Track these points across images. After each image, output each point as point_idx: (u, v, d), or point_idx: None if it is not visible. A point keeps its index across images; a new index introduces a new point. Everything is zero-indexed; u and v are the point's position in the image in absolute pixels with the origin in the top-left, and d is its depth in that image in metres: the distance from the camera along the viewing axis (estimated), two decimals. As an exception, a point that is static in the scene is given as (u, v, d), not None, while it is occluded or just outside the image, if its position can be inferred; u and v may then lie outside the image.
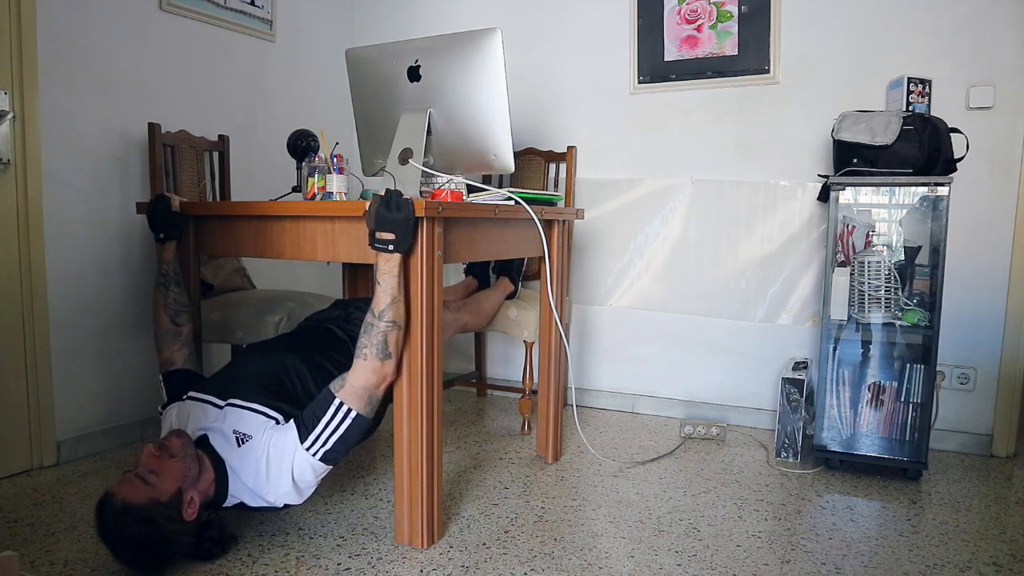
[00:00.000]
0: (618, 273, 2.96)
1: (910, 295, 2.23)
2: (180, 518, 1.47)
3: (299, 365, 1.75)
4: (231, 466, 1.57)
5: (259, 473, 1.55)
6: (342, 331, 1.92)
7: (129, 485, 1.44)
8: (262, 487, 1.56)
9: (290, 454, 1.53)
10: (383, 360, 1.55)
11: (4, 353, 2.08)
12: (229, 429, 1.59)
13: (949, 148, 2.12)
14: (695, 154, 2.80)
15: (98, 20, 2.29)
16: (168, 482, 1.46)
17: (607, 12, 2.89)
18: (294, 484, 1.55)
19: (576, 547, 1.70)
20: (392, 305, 1.53)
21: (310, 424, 1.54)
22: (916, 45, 2.43)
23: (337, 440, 1.54)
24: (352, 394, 1.55)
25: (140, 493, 1.42)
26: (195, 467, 1.52)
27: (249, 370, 1.75)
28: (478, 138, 1.80)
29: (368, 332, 1.55)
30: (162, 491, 1.44)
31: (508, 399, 3.11)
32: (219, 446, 1.58)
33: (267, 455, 1.54)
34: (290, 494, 1.57)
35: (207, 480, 1.54)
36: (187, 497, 1.48)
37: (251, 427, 1.58)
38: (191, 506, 1.49)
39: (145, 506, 1.41)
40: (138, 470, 1.46)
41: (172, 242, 1.89)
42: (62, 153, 2.21)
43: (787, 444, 2.35)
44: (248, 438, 1.57)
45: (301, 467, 1.54)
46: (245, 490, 1.58)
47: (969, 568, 1.63)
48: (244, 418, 1.60)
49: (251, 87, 2.89)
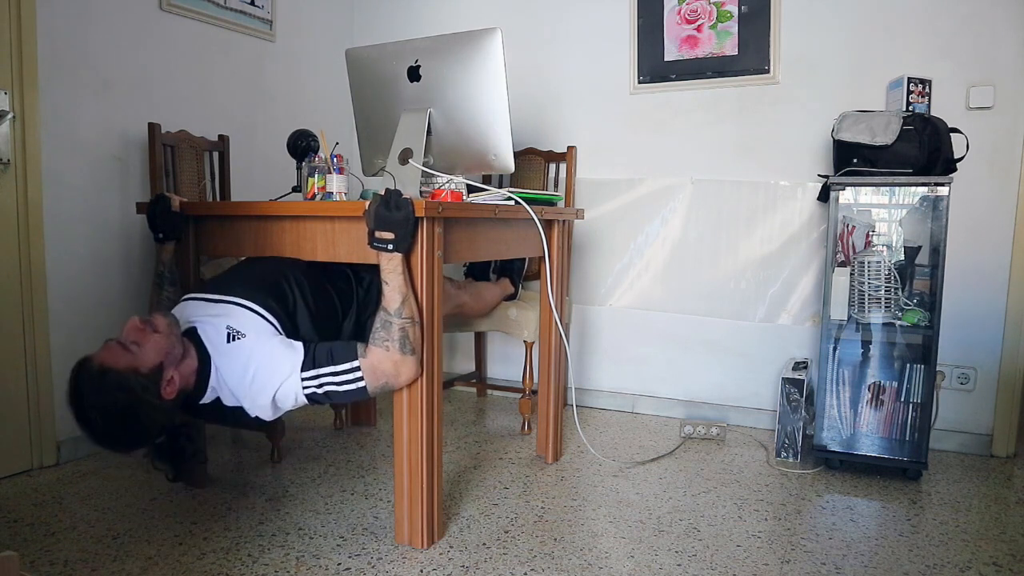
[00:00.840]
0: (618, 273, 2.96)
1: (910, 295, 2.23)
2: (157, 392, 1.42)
3: (300, 277, 1.73)
4: (215, 361, 1.53)
5: (245, 375, 1.50)
6: (348, 268, 1.90)
7: (109, 351, 1.39)
8: (244, 389, 1.51)
9: (284, 373, 1.50)
10: (406, 355, 1.54)
11: (4, 353, 2.08)
12: (222, 324, 1.55)
13: (949, 148, 2.12)
14: (695, 154, 2.80)
15: (98, 20, 2.29)
16: (150, 355, 1.41)
17: (607, 12, 2.89)
18: (273, 401, 1.51)
19: (576, 547, 1.70)
20: (405, 303, 1.53)
21: (320, 361, 1.52)
22: (916, 45, 2.43)
23: (331, 392, 1.52)
24: (372, 372, 1.53)
25: (120, 359, 1.38)
26: (179, 348, 1.48)
27: (250, 272, 1.73)
28: (478, 138, 1.80)
29: (387, 328, 1.54)
30: (143, 361, 1.40)
31: (508, 399, 3.10)
32: (208, 338, 1.54)
33: (260, 360, 1.50)
34: (265, 408, 1.52)
35: (190, 366, 1.50)
36: (167, 375, 1.44)
37: (246, 326, 1.55)
38: (170, 385, 1.45)
39: (123, 372, 1.37)
40: (120, 339, 1.42)
41: (172, 242, 1.89)
42: (62, 153, 2.21)
43: (787, 444, 2.35)
44: (241, 335, 1.53)
45: (287, 390, 1.50)
46: (224, 388, 1.53)
47: (969, 568, 1.63)
48: (239, 315, 1.57)
49: (251, 87, 2.89)
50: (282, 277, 1.70)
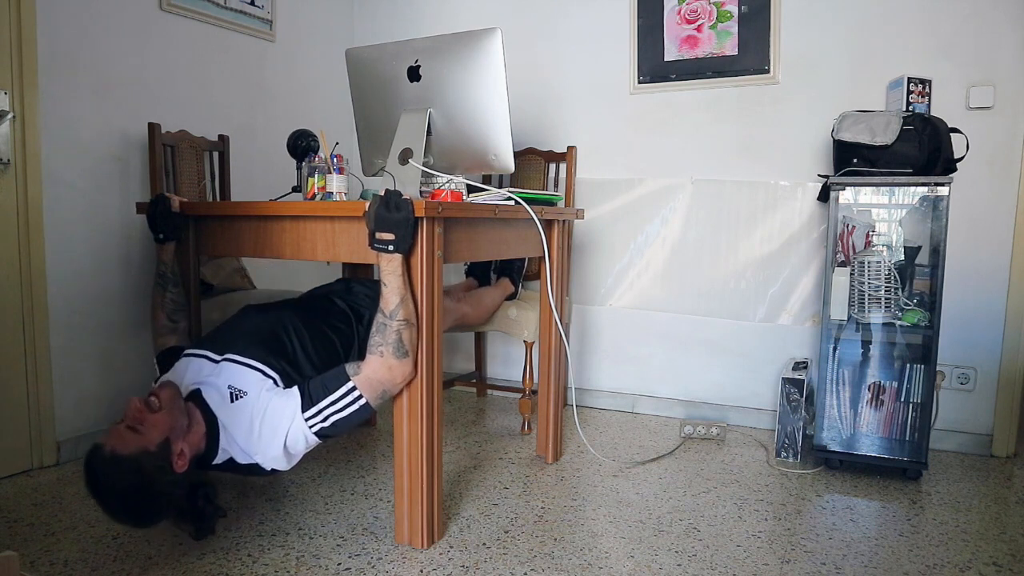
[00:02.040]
0: (618, 273, 2.96)
1: (910, 295, 2.23)
2: (170, 468, 1.44)
3: (298, 325, 1.73)
4: (223, 422, 1.54)
5: (252, 431, 1.52)
6: (343, 301, 1.91)
7: (117, 436, 1.41)
8: (253, 446, 1.53)
9: (288, 420, 1.51)
10: (400, 359, 1.55)
11: (4, 353, 2.08)
12: (224, 384, 1.56)
13: (949, 148, 2.12)
14: (695, 154, 2.80)
15: (98, 20, 2.29)
16: (155, 432, 1.43)
17: (607, 12, 2.89)
18: (285, 450, 1.53)
19: (576, 547, 1.70)
20: (402, 304, 1.54)
21: (316, 397, 1.53)
22: (916, 45, 2.43)
23: (338, 420, 1.53)
24: (367, 384, 1.54)
25: (128, 443, 1.40)
26: (184, 419, 1.49)
27: (247, 326, 1.73)
28: (478, 138, 1.80)
29: (382, 331, 1.54)
30: (150, 440, 1.42)
31: (508, 399, 3.10)
32: (212, 400, 1.56)
33: (263, 415, 1.52)
34: (279, 459, 1.54)
35: (198, 433, 1.52)
36: (176, 448, 1.45)
37: (247, 383, 1.56)
38: (181, 458, 1.46)
39: (134, 455, 1.39)
40: (125, 422, 1.44)
41: (172, 242, 1.89)
42: (62, 153, 2.21)
43: (787, 444, 2.35)
44: (243, 394, 1.54)
45: (295, 435, 1.52)
46: (235, 446, 1.55)
47: (969, 568, 1.63)
48: (240, 374, 1.58)
49: (251, 87, 2.89)
50: (281, 329, 1.71)
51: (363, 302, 1.94)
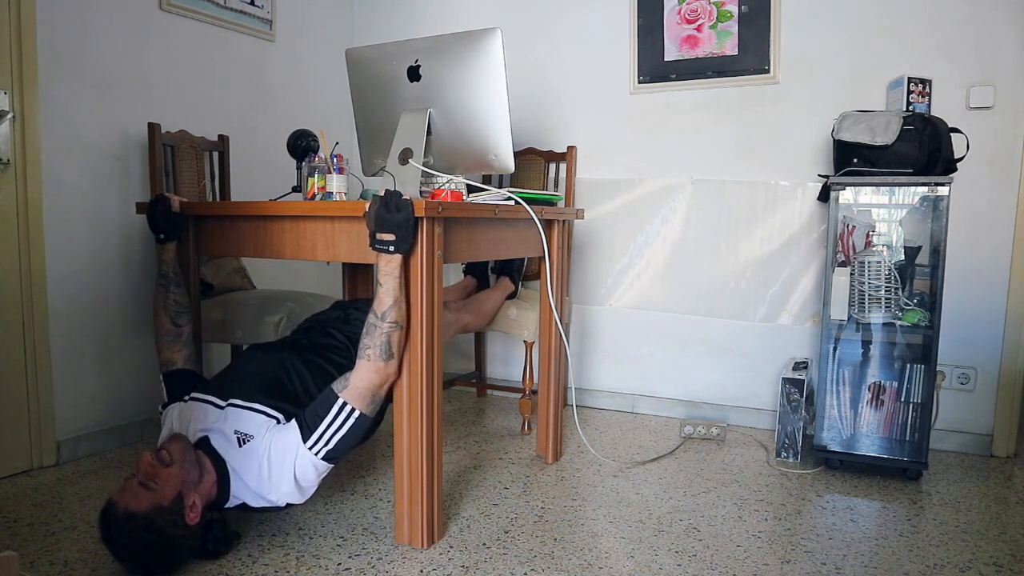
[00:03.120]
0: (618, 273, 2.96)
1: (910, 295, 2.23)
2: (183, 522, 1.47)
3: (299, 365, 1.75)
4: (232, 467, 1.57)
5: (261, 473, 1.55)
6: (341, 333, 1.92)
7: (131, 493, 1.44)
8: (264, 487, 1.56)
9: (292, 453, 1.54)
10: (386, 360, 1.56)
11: (4, 353, 2.08)
12: (231, 429, 1.59)
13: (949, 148, 2.12)
14: (695, 154, 2.80)
15: (98, 20, 2.29)
16: (168, 488, 1.46)
17: (607, 12, 2.89)
18: (296, 483, 1.56)
19: (576, 547, 1.70)
20: (394, 306, 1.54)
21: (312, 424, 1.55)
22: (916, 45, 2.43)
23: (340, 439, 1.55)
24: (355, 394, 1.55)
25: (142, 500, 1.43)
26: (195, 471, 1.52)
27: (249, 370, 1.75)
28: (478, 138, 1.80)
29: (371, 333, 1.55)
30: (163, 496, 1.44)
31: (508, 399, 3.10)
32: (220, 447, 1.58)
33: (268, 455, 1.54)
34: (292, 493, 1.57)
35: (208, 483, 1.54)
36: (189, 501, 1.48)
37: (252, 427, 1.58)
38: (193, 510, 1.49)
39: (148, 513, 1.42)
40: (138, 477, 1.46)
41: (172, 243, 1.89)
42: (62, 153, 2.21)
43: (787, 444, 2.35)
44: (250, 438, 1.57)
45: (303, 466, 1.54)
46: (247, 491, 1.58)
47: (969, 568, 1.63)
48: (245, 418, 1.60)
49: (251, 87, 2.89)
50: (281, 371, 1.73)
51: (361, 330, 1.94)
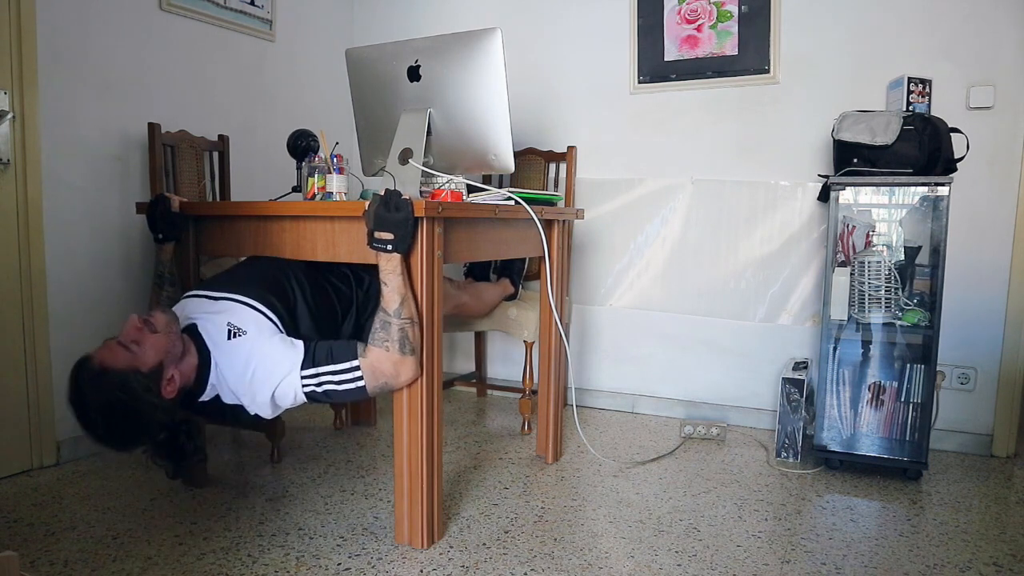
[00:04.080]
0: (618, 273, 2.96)
1: (910, 295, 2.23)
2: (158, 391, 1.43)
3: (301, 276, 1.73)
4: (216, 358, 1.53)
5: (245, 371, 1.50)
6: (345, 265, 1.89)
7: (109, 350, 1.40)
8: (243, 386, 1.51)
9: (284, 371, 1.50)
10: (405, 355, 1.54)
11: (4, 353, 2.08)
12: (223, 321, 1.55)
13: (949, 148, 2.12)
14: (695, 154, 2.80)
15: (98, 20, 2.29)
16: (150, 354, 1.41)
17: (607, 12, 2.89)
18: (272, 399, 1.51)
19: (576, 547, 1.70)
20: (404, 304, 1.54)
21: (320, 360, 1.52)
22: (916, 45, 2.43)
23: (330, 390, 1.52)
24: (371, 371, 1.53)
25: (119, 358, 1.39)
26: (179, 346, 1.48)
27: (251, 270, 1.73)
28: (478, 138, 1.80)
29: (386, 328, 1.54)
30: (143, 361, 1.40)
31: (508, 399, 3.10)
32: (208, 335, 1.54)
33: (261, 357, 1.50)
34: (264, 406, 1.52)
35: (190, 364, 1.50)
36: (167, 373, 1.44)
37: (247, 322, 1.55)
38: (171, 384, 1.45)
39: (123, 371, 1.38)
40: (120, 338, 1.42)
41: (171, 243, 1.89)
42: (62, 153, 2.21)
43: (787, 444, 2.35)
44: (242, 332, 1.53)
45: (285, 388, 1.51)
46: (225, 385, 1.53)
47: (969, 568, 1.63)
48: (241, 312, 1.57)
49: (251, 87, 2.89)
50: (283, 276, 1.71)
51: (362, 267, 1.92)
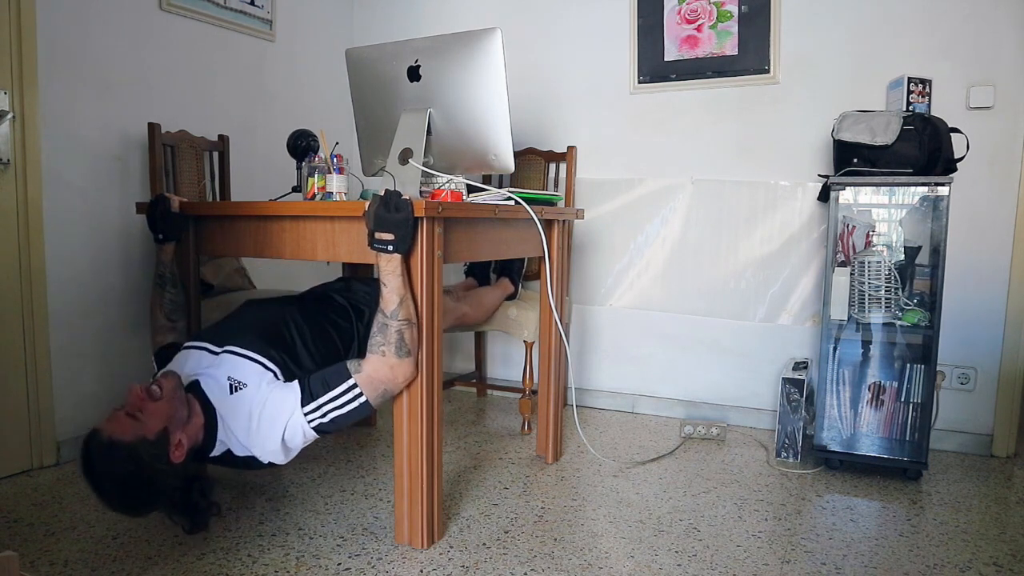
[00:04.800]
0: (618, 273, 2.96)
1: (910, 295, 2.23)
2: (167, 459, 1.44)
3: (298, 319, 1.74)
4: (221, 413, 1.54)
5: (250, 423, 1.52)
6: (342, 297, 1.91)
7: (116, 422, 1.41)
8: (251, 438, 1.52)
9: (287, 413, 1.51)
10: (402, 358, 1.54)
11: (4, 353, 2.08)
12: (223, 375, 1.56)
13: (949, 148, 2.12)
14: (695, 154, 2.80)
15: (98, 20, 2.29)
16: (155, 421, 1.43)
17: (607, 12, 2.89)
18: (283, 444, 1.53)
19: (576, 547, 1.70)
20: (402, 305, 1.54)
21: (316, 392, 1.53)
22: (916, 45, 2.43)
23: (337, 417, 1.53)
24: (368, 383, 1.54)
25: (127, 429, 1.40)
26: (183, 410, 1.49)
27: (248, 320, 1.73)
28: (478, 138, 1.80)
29: (383, 331, 1.54)
30: (149, 429, 1.42)
31: (508, 399, 3.10)
32: (211, 392, 1.55)
33: (263, 408, 1.51)
34: (276, 453, 1.54)
35: (196, 424, 1.52)
36: (175, 439, 1.45)
37: (247, 375, 1.56)
38: (179, 448, 1.46)
39: (131, 443, 1.39)
40: (125, 408, 1.44)
41: (171, 243, 1.89)
42: (62, 153, 2.21)
43: (787, 444, 2.35)
44: (243, 386, 1.54)
45: (293, 429, 1.52)
46: (233, 439, 1.55)
47: (969, 568, 1.63)
48: (240, 366, 1.58)
49: (251, 87, 2.89)
50: (281, 323, 1.71)
51: (363, 299, 1.94)
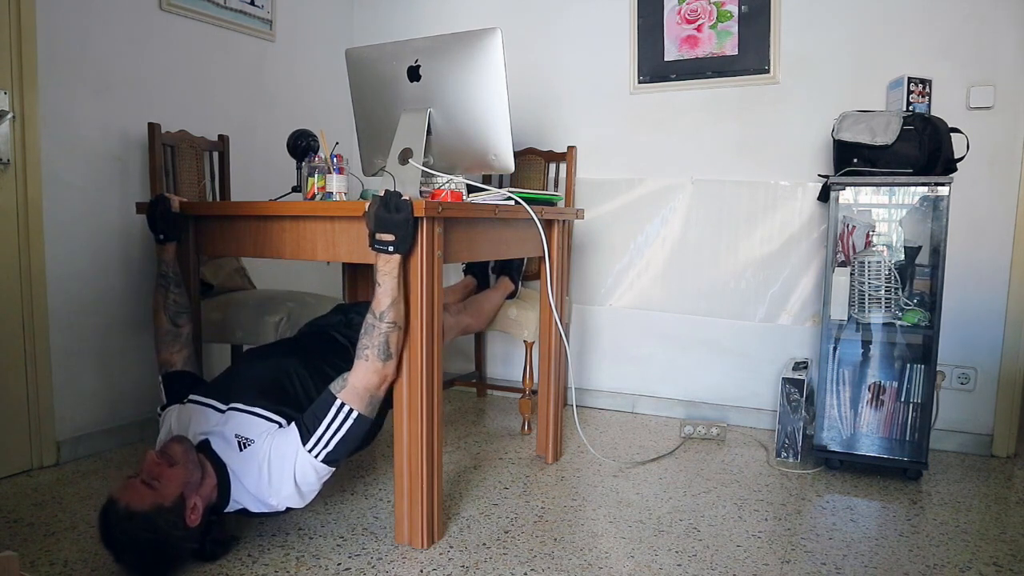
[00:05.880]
0: (618, 273, 2.96)
1: (910, 295, 2.23)
2: (183, 524, 1.46)
3: (301, 370, 1.75)
4: (233, 471, 1.56)
5: (261, 477, 1.54)
6: (343, 336, 1.92)
7: (133, 491, 1.43)
8: (264, 491, 1.55)
9: (292, 456, 1.53)
10: (384, 361, 1.56)
11: (4, 353, 2.08)
12: (231, 433, 1.59)
13: (949, 148, 2.12)
14: (695, 154, 2.80)
15: (98, 20, 2.29)
16: (171, 488, 1.45)
17: (607, 12, 2.89)
18: (296, 487, 1.55)
19: (576, 547, 1.70)
20: (392, 306, 1.54)
21: (311, 426, 1.54)
22: (916, 45, 2.43)
23: (339, 441, 1.54)
24: (353, 394, 1.55)
25: (144, 499, 1.42)
26: (197, 473, 1.51)
27: (251, 374, 1.74)
28: (478, 138, 1.80)
29: (369, 333, 1.55)
30: (166, 496, 1.44)
31: (508, 399, 3.10)
32: (221, 451, 1.58)
33: (268, 458, 1.54)
34: (293, 497, 1.57)
35: (209, 485, 1.53)
36: (190, 503, 1.47)
37: (253, 431, 1.58)
38: (194, 512, 1.48)
39: (149, 513, 1.41)
40: (141, 476, 1.46)
41: (172, 243, 1.89)
42: (62, 153, 2.21)
43: (787, 444, 2.35)
44: (250, 442, 1.56)
45: (303, 469, 1.54)
46: (247, 495, 1.57)
47: (969, 568, 1.63)
48: (246, 422, 1.60)
49: (251, 87, 2.89)
50: (282, 375, 1.72)
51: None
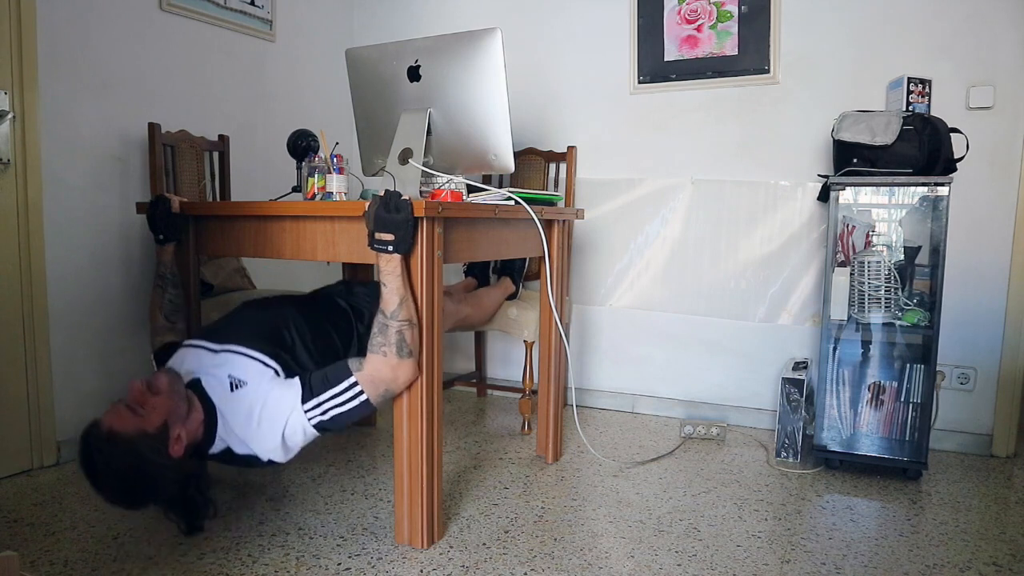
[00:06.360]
0: (618, 273, 2.96)
1: (910, 295, 2.23)
2: (166, 452, 1.45)
3: (300, 321, 1.74)
4: (221, 411, 1.55)
5: (250, 420, 1.52)
6: (343, 300, 1.92)
7: (116, 415, 1.42)
8: (251, 436, 1.53)
9: (287, 411, 1.51)
10: (404, 358, 1.54)
11: (4, 353, 2.08)
12: (224, 373, 1.57)
13: (949, 148, 2.12)
14: (695, 154, 2.80)
15: (98, 20, 2.29)
16: (155, 415, 1.44)
17: (607, 12, 2.89)
18: (283, 441, 1.53)
19: (576, 547, 1.70)
20: (402, 305, 1.54)
21: (317, 389, 1.53)
22: (916, 45, 2.43)
23: (338, 415, 1.53)
24: (370, 382, 1.54)
25: (127, 423, 1.41)
26: (183, 405, 1.50)
27: (248, 319, 1.74)
28: (478, 138, 1.80)
29: (384, 332, 1.54)
30: (149, 422, 1.43)
31: (508, 399, 3.10)
32: (211, 389, 1.56)
33: (263, 404, 1.52)
34: (276, 451, 1.54)
35: (196, 420, 1.52)
36: (174, 433, 1.46)
37: (247, 373, 1.57)
38: (178, 443, 1.47)
39: (131, 435, 1.40)
40: (126, 401, 1.45)
41: (172, 243, 1.89)
42: (62, 153, 2.21)
43: (787, 444, 2.35)
44: (243, 383, 1.55)
45: (294, 427, 1.52)
46: (233, 436, 1.55)
47: (969, 568, 1.63)
48: (241, 364, 1.59)
49: (251, 87, 2.89)
50: (282, 323, 1.72)
51: (363, 301, 1.95)
